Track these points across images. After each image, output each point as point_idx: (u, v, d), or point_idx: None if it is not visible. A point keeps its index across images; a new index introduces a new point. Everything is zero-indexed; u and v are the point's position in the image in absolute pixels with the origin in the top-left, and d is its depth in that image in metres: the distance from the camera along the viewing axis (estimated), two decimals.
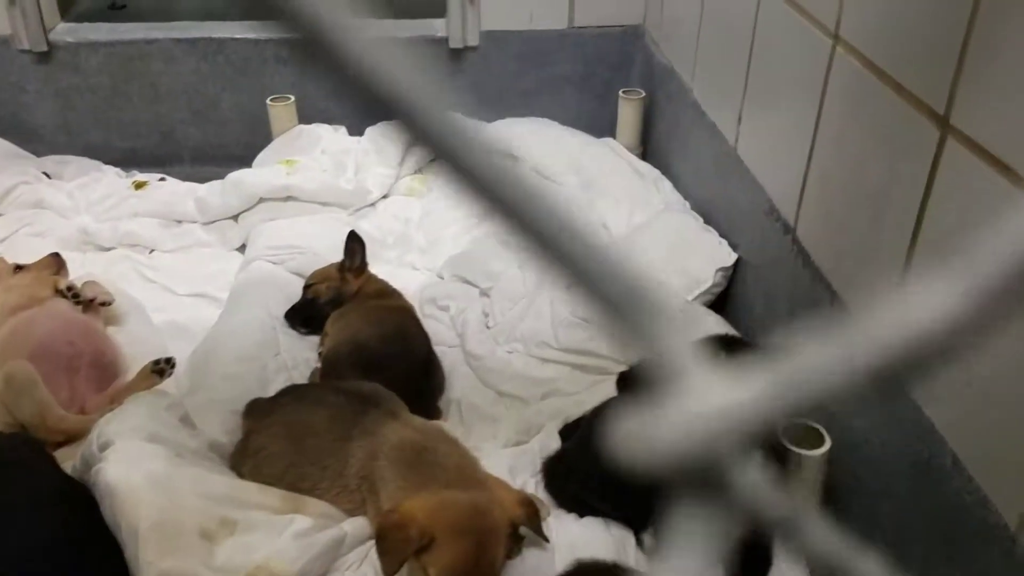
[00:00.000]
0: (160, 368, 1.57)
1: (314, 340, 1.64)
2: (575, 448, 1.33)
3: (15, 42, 2.25)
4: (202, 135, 2.39)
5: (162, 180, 2.20)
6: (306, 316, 1.65)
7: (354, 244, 1.68)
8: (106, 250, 1.98)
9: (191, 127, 2.39)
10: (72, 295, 1.60)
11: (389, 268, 1.83)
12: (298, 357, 1.61)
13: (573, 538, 1.23)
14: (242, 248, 1.98)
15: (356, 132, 2.24)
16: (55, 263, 1.67)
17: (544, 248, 0.22)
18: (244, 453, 1.34)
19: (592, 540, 1.22)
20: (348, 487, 1.25)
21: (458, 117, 0.21)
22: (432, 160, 0.23)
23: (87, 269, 1.82)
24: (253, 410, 1.40)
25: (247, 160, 2.21)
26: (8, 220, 2.05)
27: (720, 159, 1.79)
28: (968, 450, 0.99)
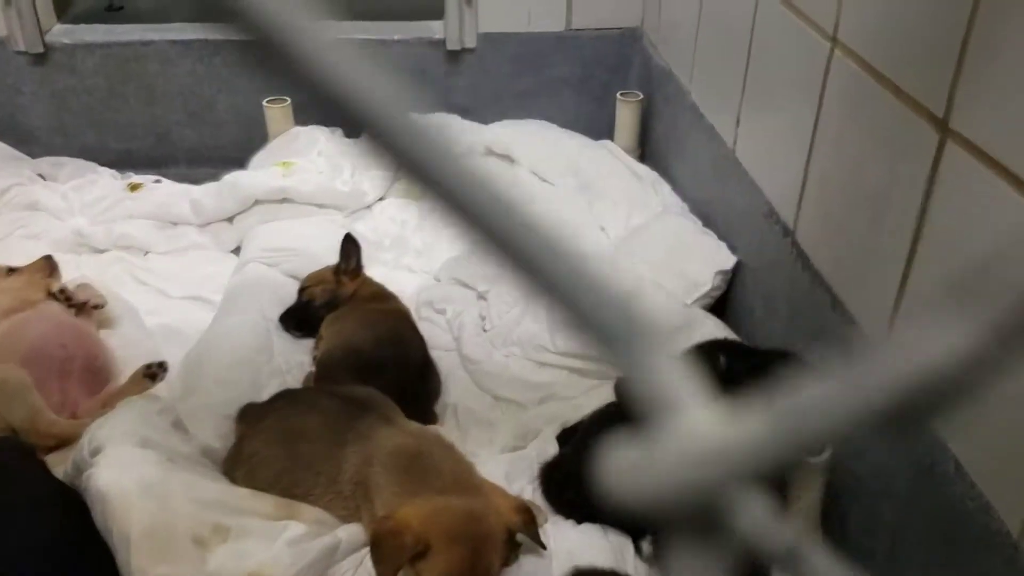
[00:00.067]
0: (153, 372, 1.56)
1: (309, 343, 1.63)
2: (573, 454, 1.31)
3: (11, 43, 2.24)
4: (198, 137, 2.38)
5: (157, 182, 2.19)
6: (301, 319, 1.64)
7: (350, 246, 1.67)
8: (100, 252, 1.96)
9: (187, 129, 2.38)
10: (65, 298, 1.59)
11: (385, 270, 1.82)
12: (292, 361, 1.59)
13: (571, 545, 1.21)
14: (237, 250, 1.97)
15: (353, 134, 2.23)
16: (48, 266, 1.65)
17: (524, 271, 0.21)
18: (237, 458, 1.33)
19: (590, 547, 1.21)
20: (342, 493, 1.24)
21: (422, 120, 0.20)
22: (394, 170, 0.22)
23: (81, 271, 1.81)
24: (246, 415, 1.39)
25: (243, 162, 2.20)
26: (2, 222, 2.04)
27: (718, 161, 1.78)
28: (971, 456, 0.98)
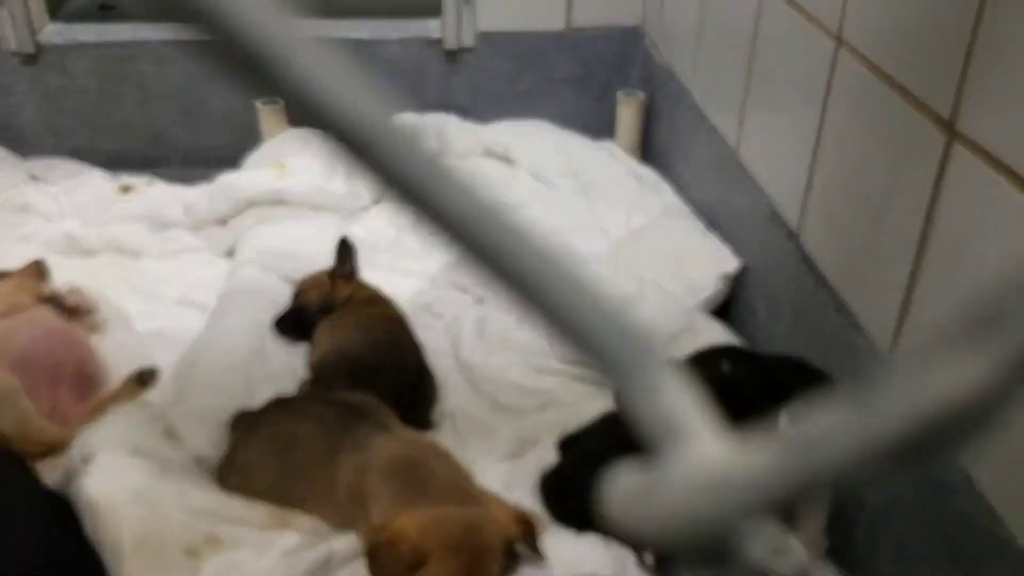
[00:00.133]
0: (144, 378, 1.55)
1: (303, 348, 1.61)
2: (574, 464, 1.30)
3: (2, 44, 2.23)
4: (192, 137, 2.37)
5: (149, 184, 2.18)
6: (295, 324, 1.62)
7: (345, 250, 1.65)
8: (92, 255, 1.95)
9: (181, 129, 2.36)
10: (55, 303, 1.57)
11: (382, 274, 1.80)
12: (286, 366, 1.58)
13: (571, 555, 1.20)
14: (231, 253, 1.95)
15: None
16: (38, 270, 1.64)
17: (516, 289, 0.19)
18: (230, 467, 1.32)
19: (591, 557, 1.20)
20: (338, 502, 1.22)
21: (398, 124, 0.18)
22: (371, 179, 0.21)
23: (72, 275, 1.79)
24: (239, 422, 1.37)
25: (237, 162, 2.18)
26: None
27: (721, 163, 1.77)
28: (980, 466, 0.97)
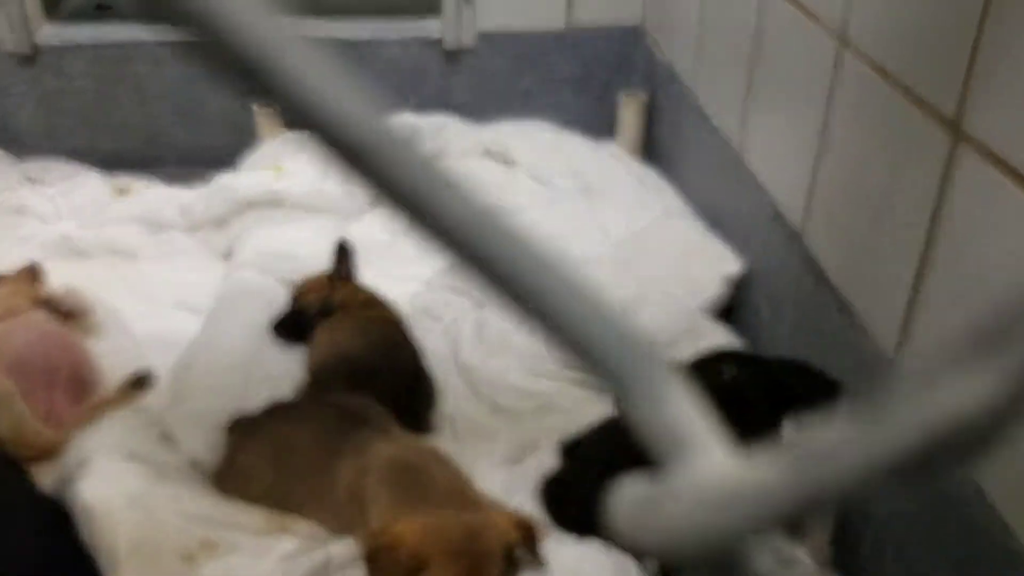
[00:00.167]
0: (140, 381, 1.54)
1: (300, 351, 1.60)
2: (577, 469, 1.29)
3: None
4: (189, 138, 2.36)
5: (147, 187, 2.17)
6: (293, 327, 1.61)
7: (343, 252, 1.64)
8: (88, 257, 1.94)
9: (177, 129, 2.36)
10: (51, 307, 1.57)
11: (380, 276, 1.79)
12: (284, 369, 1.57)
13: (572, 562, 1.19)
14: (228, 256, 1.94)
15: None
16: (33, 273, 1.63)
17: (513, 298, 0.18)
18: (227, 471, 1.31)
19: (591, 564, 1.19)
20: (336, 507, 1.22)
21: (392, 128, 0.18)
22: (364, 186, 0.20)
23: (68, 277, 1.78)
24: (236, 426, 1.37)
25: (234, 163, 2.18)
26: None
27: (723, 164, 1.76)
28: (990, 477, 0.96)
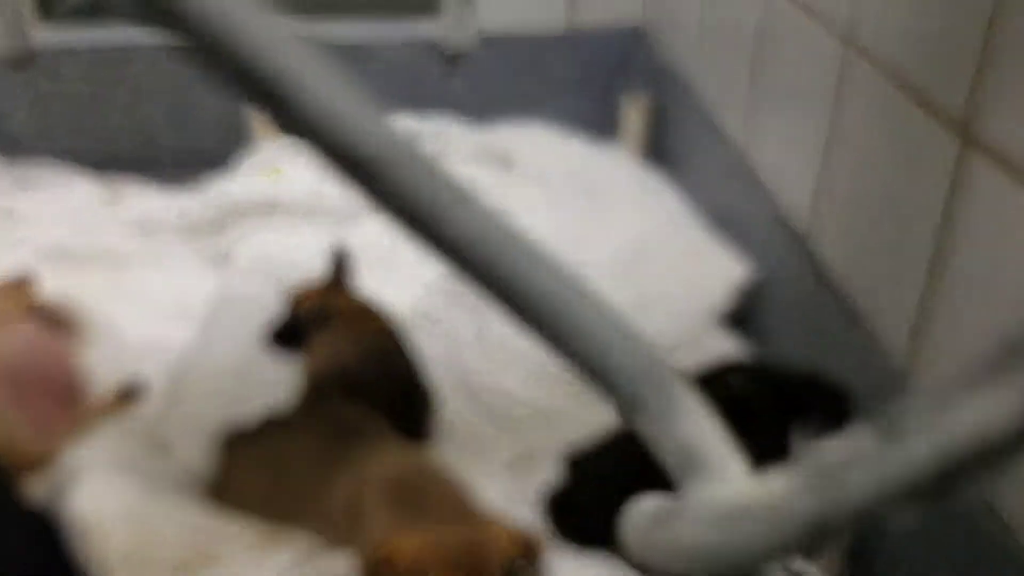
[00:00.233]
0: (133, 390, 1.53)
1: (297, 358, 1.60)
2: (583, 482, 1.27)
3: None
4: (184, 140, 2.36)
5: (141, 191, 2.17)
6: (289, 334, 1.60)
7: (341, 258, 1.63)
8: (81, 263, 1.94)
9: (173, 132, 2.36)
10: (42, 315, 1.56)
11: (380, 281, 1.79)
12: (280, 376, 1.56)
13: None
14: (224, 261, 1.93)
15: None
16: (23, 281, 1.63)
17: (518, 309, 0.18)
18: (222, 483, 1.30)
19: None
20: (332, 520, 1.21)
21: (400, 137, 0.17)
22: (360, 192, 0.20)
23: (60, 283, 1.78)
24: (230, 437, 1.36)
25: (229, 167, 2.17)
26: None
27: (728, 167, 1.76)
28: (1005, 496, 0.95)
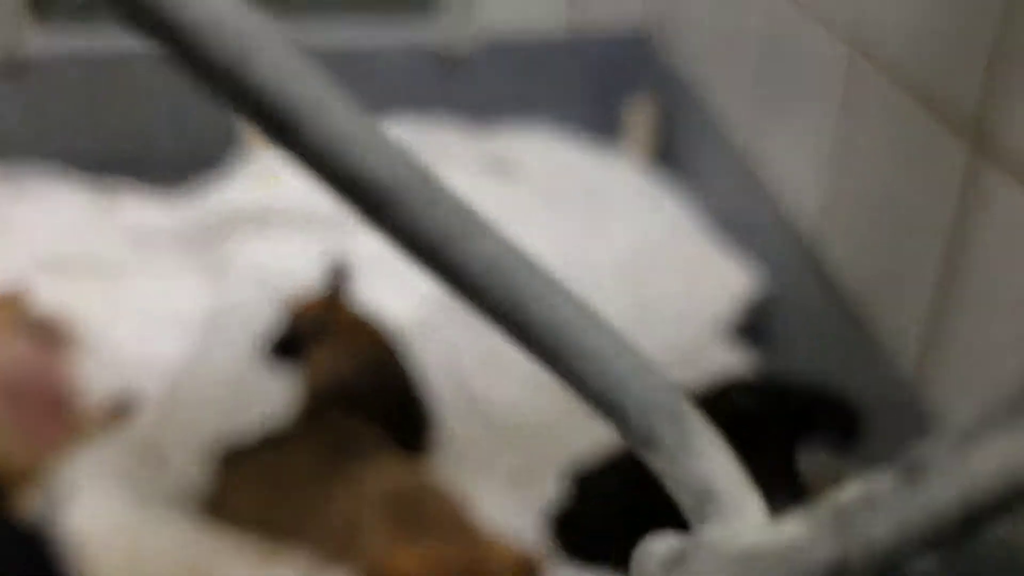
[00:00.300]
0: (126, 402, 1.53)
1: (294, 371, 1.59)
2: (587, 497, 1.26)
3: None
4: (181, 146, 2.36)
5: (136, 199, 2.17)
6: (287, 346, 1.60)
7: (340, 268, 1.63)
8: (74, 272, 1.93)
9: (169, 138, 2.35)
10: (34, 327, 1.56)
11: (379, 291, 1.78)
12: (278, 388, 1.56)
13: None
14: (220, 271, 1.93)
15: None
16: (15, 293, 1.63)
17: (515, 331, 0.17)
18: (218, 497, 1.30)
19: None
20: (330, 537, 1.20)
21: (403, 154, 0.16)
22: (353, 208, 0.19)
23: (53, 294, 1.77)
24: (227, 452, 1.35)
25: (226, 172, 2.17)
26: None
27: (734, 174, 1.75)
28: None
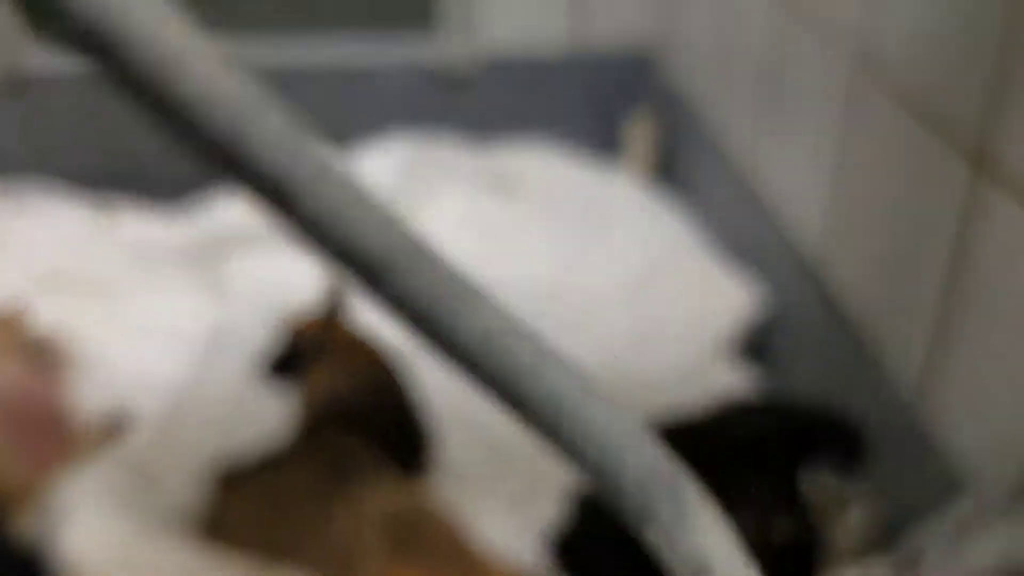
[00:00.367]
0: (124, 423, 1.53)
1: (292, 390, 1.59)
2: (589, 520, 1.26)
3: None
4: (180, 164, 2.36)
5: (135, 216, 2.17)
6: (285, 365, 1.60)
7: (339, 287, 1.63)
8: (72, 290, 1.93)
9: (169, 155, 2.36)
10: (30, 348, 1.56)
11: (378, 311, 1.79)
12: (277, 407, 1.56)
13: None
14: (219, 288, 1.93)
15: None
16: (12, 313, 1.63)
17: (509, 405, 0.18)
18: (215, 517, 1.29)
19: None
20: (328, 557, 1.20)
21: (398, 225, 0.17)
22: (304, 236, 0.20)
23: (51, 311, 1.78)
24: (224, 473, 1.35)
25: (227, 192, 2.18)
26: None
27: (736, 193, 1.76)
28: None
